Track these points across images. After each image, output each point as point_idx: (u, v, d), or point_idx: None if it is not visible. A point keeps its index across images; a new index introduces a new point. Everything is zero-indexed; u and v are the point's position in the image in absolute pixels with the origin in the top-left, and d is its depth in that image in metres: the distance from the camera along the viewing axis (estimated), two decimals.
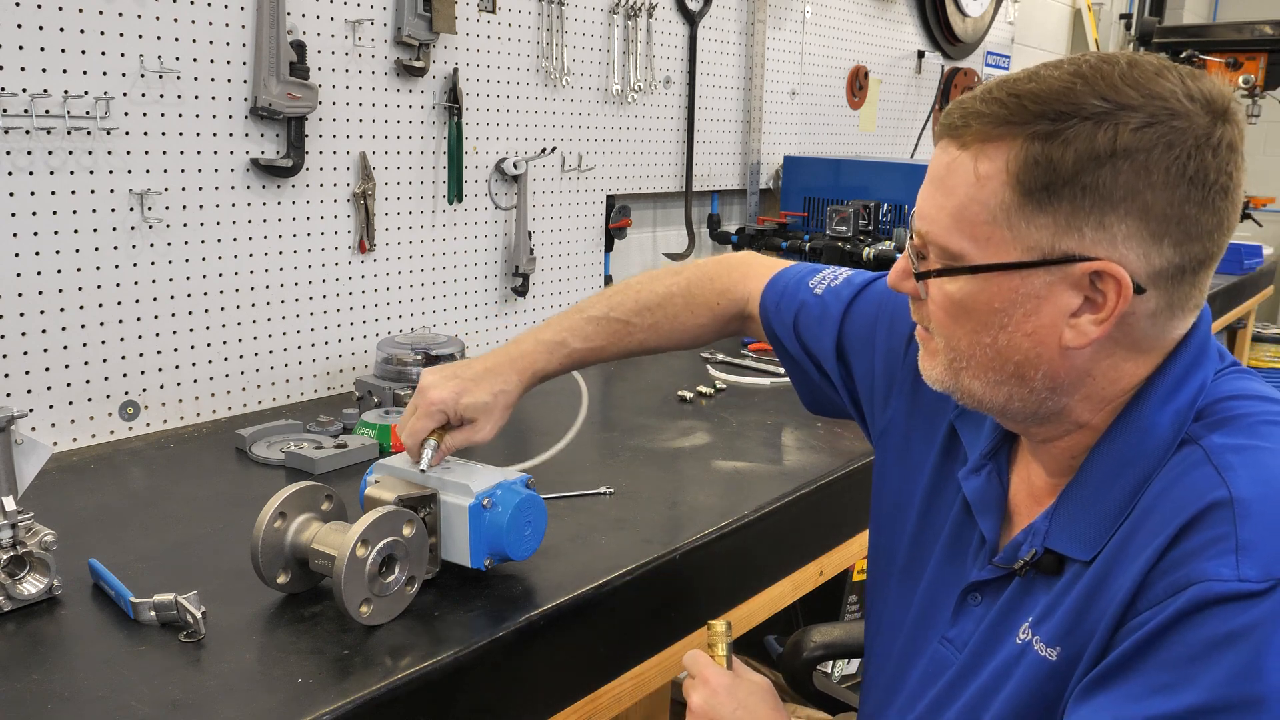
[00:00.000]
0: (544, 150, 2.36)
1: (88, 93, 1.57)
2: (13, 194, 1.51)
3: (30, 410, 1.55)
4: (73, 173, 1.57)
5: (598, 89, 2.49)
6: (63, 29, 1.53)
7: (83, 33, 1.55)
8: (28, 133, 1.51)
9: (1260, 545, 0.74)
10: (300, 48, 1.82)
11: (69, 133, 1.56)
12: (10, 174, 1.51)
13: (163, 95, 1.66)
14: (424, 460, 1.19)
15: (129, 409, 1.69)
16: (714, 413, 1.93)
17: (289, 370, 1.92)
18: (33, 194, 1.53)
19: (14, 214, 1.52)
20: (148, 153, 1.66)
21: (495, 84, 2.22)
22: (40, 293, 1.56)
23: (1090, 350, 0.85)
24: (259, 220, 1.83)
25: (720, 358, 2.31)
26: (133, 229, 1.66)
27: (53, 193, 1.56)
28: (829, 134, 3.45)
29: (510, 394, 1.26)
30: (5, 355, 1.54)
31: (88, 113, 1.57)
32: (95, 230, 1.61)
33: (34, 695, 0.96)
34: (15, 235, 1.52)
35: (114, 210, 1.63)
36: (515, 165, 2.26)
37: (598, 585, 1.21)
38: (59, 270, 1.58)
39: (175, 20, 1.66)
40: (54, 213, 1.56)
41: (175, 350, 1.74)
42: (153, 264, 1.69)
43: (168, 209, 1.70)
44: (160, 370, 1.73)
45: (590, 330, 1.30)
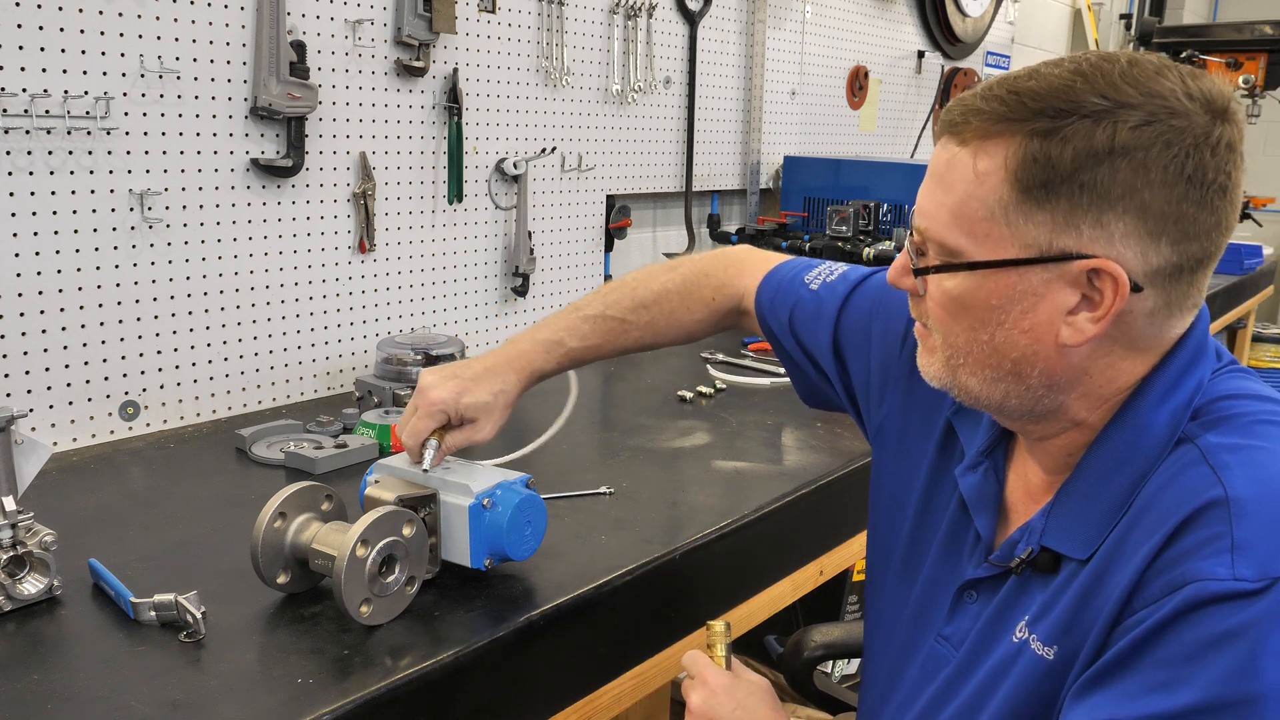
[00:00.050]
0: (544, 150, 2.36)
1: (88, 93, 1.57)
2: (13, 194, 1.51)
3: (30, 410, 1.55)
4: (73, 173, 1.57)
5: (598, 89, 2.49)
6: (63, 29, 1.53)
7: (83, 33, 1.55)
8: (28, 133, 1.51)
9: (1256, 544, 0.74)
10: (300, 48, 1.82)
11: (69, 133, 1.56)
12: (10, 174, 1.51)
13: (163, 95, 1.66)
14: (426, 460, 1.19)
15: (129, 409, 1.69)
16: (714, 413, 1.92)
17: (289, 370, 1.92)
18: (33, 194, 1.53)
19: (14, 214, 1.52)
20: (148, 153, 1.66)
21: (495, 84, 2.22)
22: (40, 293, 1.57)
23: (1087, 348, 0.85)
24: (259, 220, 1.83)
25: (720, 358, 2.30)
26: (133, 229, 1.66)
27: (53, 193, 1.56)
28: (829, 134, 3.45)
29: (510, 393, 1.26)
30: (5, 355, 1.54)
31: (88, 113, 1.57)
32: (95, 230, 1.61)
33: (34, 695, 0.96)
34: (15, 235, 1.52)
35: (114, 210, 1.63)
36: (515, 165, 2.26)
37: (598, 585, 1.21)
38: (59, 270, 1.58)
39: (175, 20, 1.66)
40: (54, 213, 1.56)
41: (175, 350, 1.74)
42: (153, 264, 1.69)
43: (168, 209, 1.70)
44: (160, 370, 1.73)
45: (587, 329, 1.31)
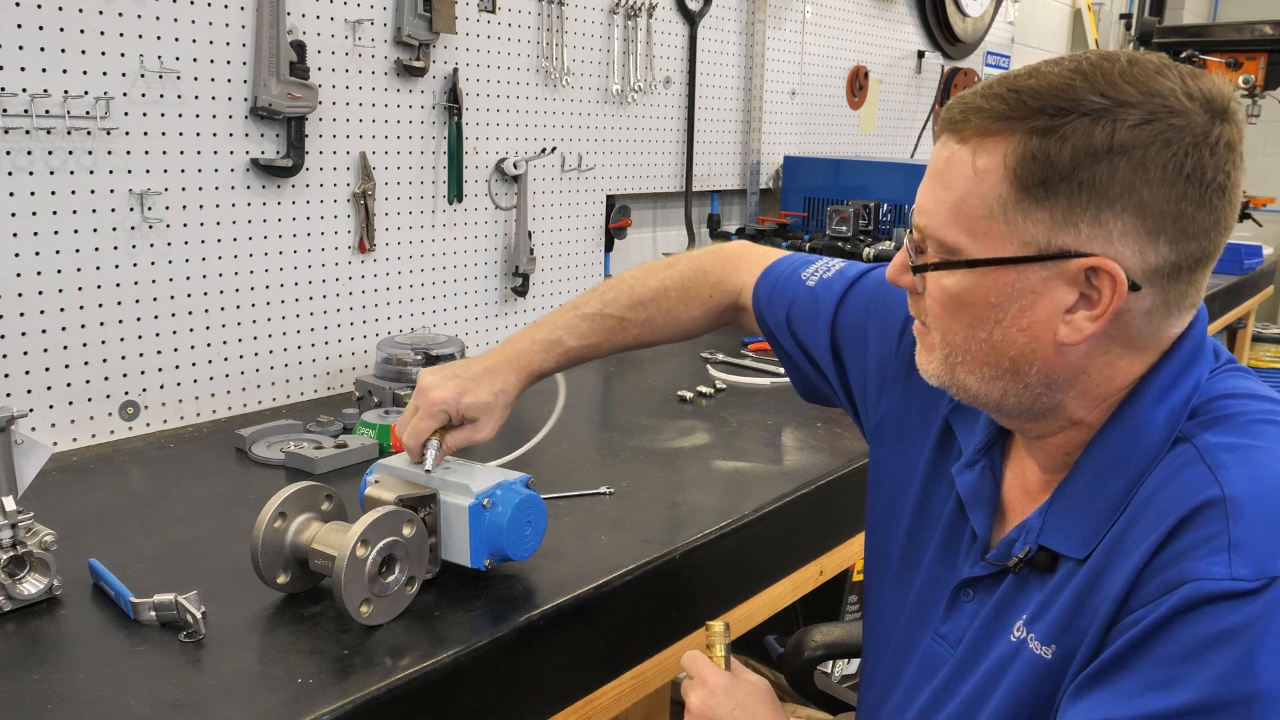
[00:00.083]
0: (544, 150, 2.36)
1: (88, 93, 1.57)
2: (13, 194, 1.51)
3: (30, 410, 1.55)
4: (73, 173, 1.57)
5: (598, 89, 2.49)
6: (63, 29, 1.53)
7: (83, 33, 1.55)
8: (28, 133, 1.51)
9: (1253, 544, 0.74)
10: (300, 48, 1.82)
11: (69, 133, 1.56)
12: (10, 174, 1.51)
13: (163, 95, 1.66)
14: (428, 460, 1.18)
15: (129, 409, 1.69)
16: (714, 413, 1.92)
17: (289, 370, 1.92)
18: (33, 194, 1.53)
19: (14, 214, 1.52)
20: (148, 153, 1.66)
21: (495, 84, 2.22)
22: (40, 293, 1.57)
23: (1085, 347, 0.85)
24: (259, 220, 1.83)
25: (720, 358, 2.30)
26: (133, 229, 1.66)
27: (53, 193, 1.56)
28: (829, 134, 3.45)
29: (509, 393, 1.26)
30: (5, 355, 1.54)
31: (88, 113, 1.57)
32: (95, 230, 1.61)
33: (34, 695, 0.96)
34: (15, 235, 1.52)
35: (114, 210, 1.63)
36: (515, 165, 2.26)
37: (598, 585, 1.21)
38: (59, 270, 1.58)
39: (175, 20, 1.66)
40: (54, 213, 1.56)
41: (175, 350, 1.74)
42: (153, 264, 1.69)
43: (168, 209, 1.70)
44: (160, 370, 1.73)
45: (585, 328, 1.31)
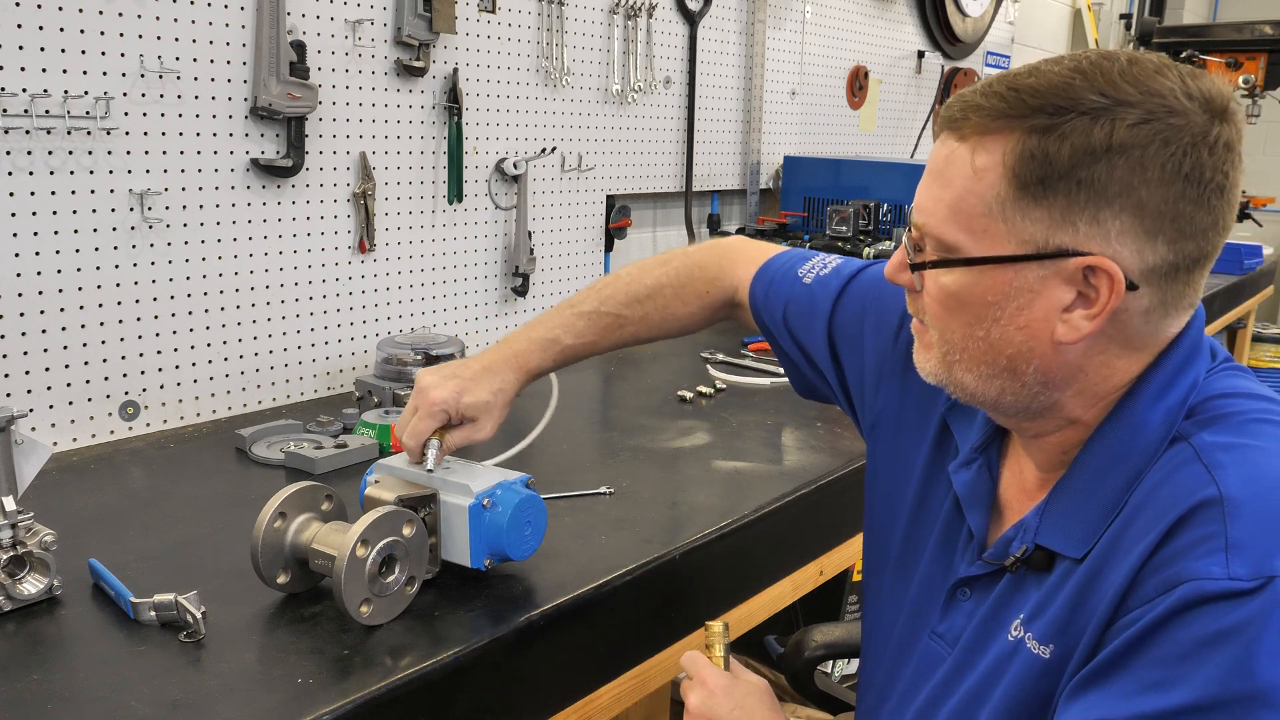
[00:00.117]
0: (544, 150, 2.37)
1: (88, 93, 1.57)
2: (13, 194, 1.51)
3: (30, 410, 1.55)
4: (73, 173, 1.57)
5: (598, 89, 2.49)
6: (63, 29, 1.53)
7: (83, 33, 1.55)
8: (28, 133, 1.51)
9: (1250, 543, 0.74)
10: (300, 48, 1.82)
11: (69, 133, 1.56)
12: (10, 174, 1.51)
13: (163, 95, 1.66)
14: (430, 461, 1.18)
15: (129, 409, 1.69)
16: (714, 413, 1.92)
17: (289, 370, 1.92)
18: (33, 194, 1.53)
19: (14, 214, 1.52)
20: (148, 153, 1.66)
21: (495, 84, 2.22)
22: (40, 293, 1.56)
23: (1082, 345, 0.85)
24: (259, 220, 1.83)
25: (720, 358, 2.30)
26: (133, 229, 1.66)
27: (53, 193, 1.56)
28: (829, 134, 3.45)
29: (508, 392, 1.27)
30: (5, 355, 1.54)
31: (88, 113, 1.57)
32: (95, 230, 1.61)
33: (34, 695, 0.96)
34: (15, 235, 1.52)
35: (114, 210, 1.63)
36: (515, 165, 2.26)
37: (598, 585, 1.21)
38: (59, 270, 1.58)
39: (175, 20, 1.66)
40: (54, 213, 1.56)
41: (175, 350, 1.74)
42: (153, 264, 1.69)
43: (168, 209, 1.70)
44: (160, 370, 1.73)
45: (582, 326, 1.31)
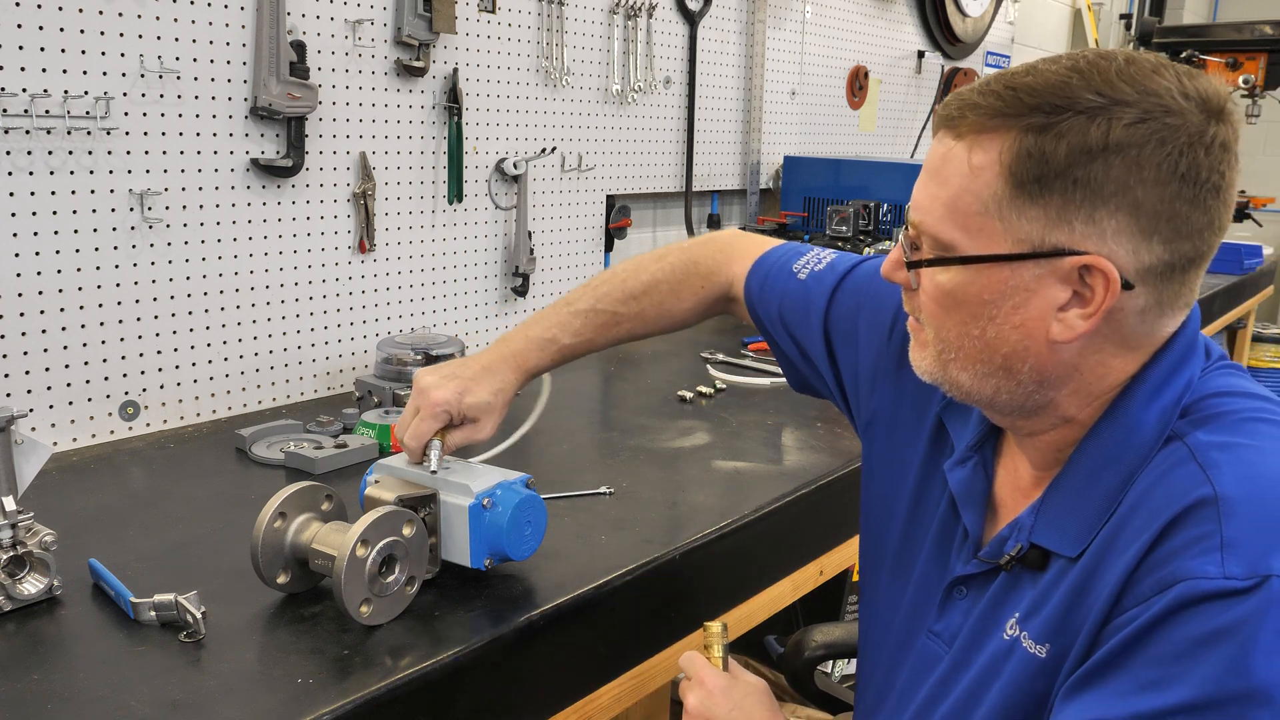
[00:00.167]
0: (544, 150, 2.37)
1: (88, 93, 1.57)
2: (13, 194, 1.51)
3: (30, 410, 1.55)
4: (73, 173, 1.57)
5: (598, 89, 2.49)
6: (63, 29, 1.53)
7: (83, 33, 1.55)
8: (28, 133, 1.51)
9: (1245, 543, 0.74)
10: (300, 48, 1.82)
11: (69, 133, 1.56)
12: (10, 174, 1.51)
13: (163, 95, 1.66)
14: (432, 461, 1.18)
15: (129, 409, 1.69)
16: (714, 413, 1.92)
17: (289, 370, 1.92)
18: (33, 194, 1.53)
19: (14, 214, 1.52)
20: (148, 153, 1.66)
21: (495, 84, 2.22)
22: (40, 293, 1.56)
23: (1078, 345, 0.85)
24: (259, 220, 1.83)
25: (720, 358, 2.30)
26: (133, 229, 1.66)
27: (53, 193, 1.56)
28: (829, 134, 3.45)
29: (507, 391, 1.27)
30: (5, 355, 1.54)
31: (88, 113, 1.57)
32: (95, 230, 1.61)
33: (34, 695, 0.96)
34: (15, 235, 1.52)
35: (114, 210, 1.63)
36: (515, 165, 2.26)
37: (598, 585, 1.21)
38: (59, 270, 1.58)
39: (175, 20, 1.66)
40: (54, 213, 1.56)
41: (175, 350, 1.74)
42: (153, 264, 1.69)
43: (168, 209, 1.70)
44: (160, 370, 1.73)
45: (579, 324, 1.31)
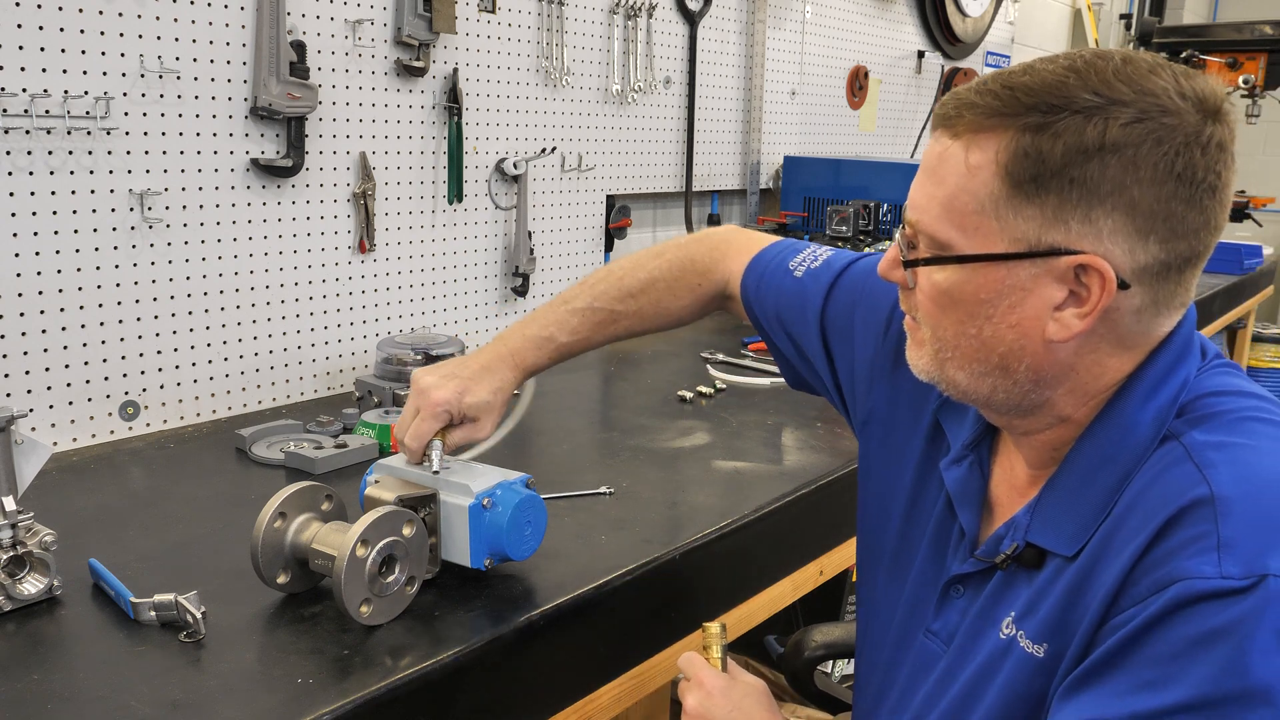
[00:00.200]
0: (544, 150, 2.37)
1: (88, 93, 1.57)
2: (13, 194, 1.51)
3: (30, 410, 1.55)
4: (73, 173, 1.57)
5: (598, 89, 2.49)
6: (63, 29, 1.53)
7: (83, 33, 1.55)
8: (28, 133, 1.51)
9: (1241, 542, 0.74)
10: (300, 48, 1.82)
11: (69, 133, 1.56)
12: (10, 174, 1.51)
13: (163, 95, 1.66)
14: (435, 462, 1.18)
15: (129, 409, 1.69)
16: (714, 413, 1.92)
17: (289, 370, 1.92)
18: (33, 194, 1.53)
19: (14, 214, 1.52)
20: (148, 153, 1.66)
21: (495, 84, 2.22)
22: (40, 293, 1.56)
23: (1074, 344, 0.85)
24: (259, 220, 1.83)
25: (720, 358, 2.30)
26: (133, 229, 1.66)
27: (53, 193, 1.56)
28: (829, 134, 3.45)
29: (506, 390, 1.27)
30: (5, 355, 1.54)
31: (88, 113, 1.57)
32: (95, 230, 1.61)
33: (34, 695, 0.96)
34: (15, 235, 1.52)
35: (114, 210, 1.63)
36: (515, 165, 2.26)
37: (598, 585, 1.21)
38: (59, 270, 1.58)
39: (175, 20, 1.66)
40: (54, 213, 1.56)
41: (175, 350, 1.74)
42: (153, 264, 1.69)
43: (168, 209, 1.70)
44: (160, 370, 1.73)
45: (576, 322, 1.31)
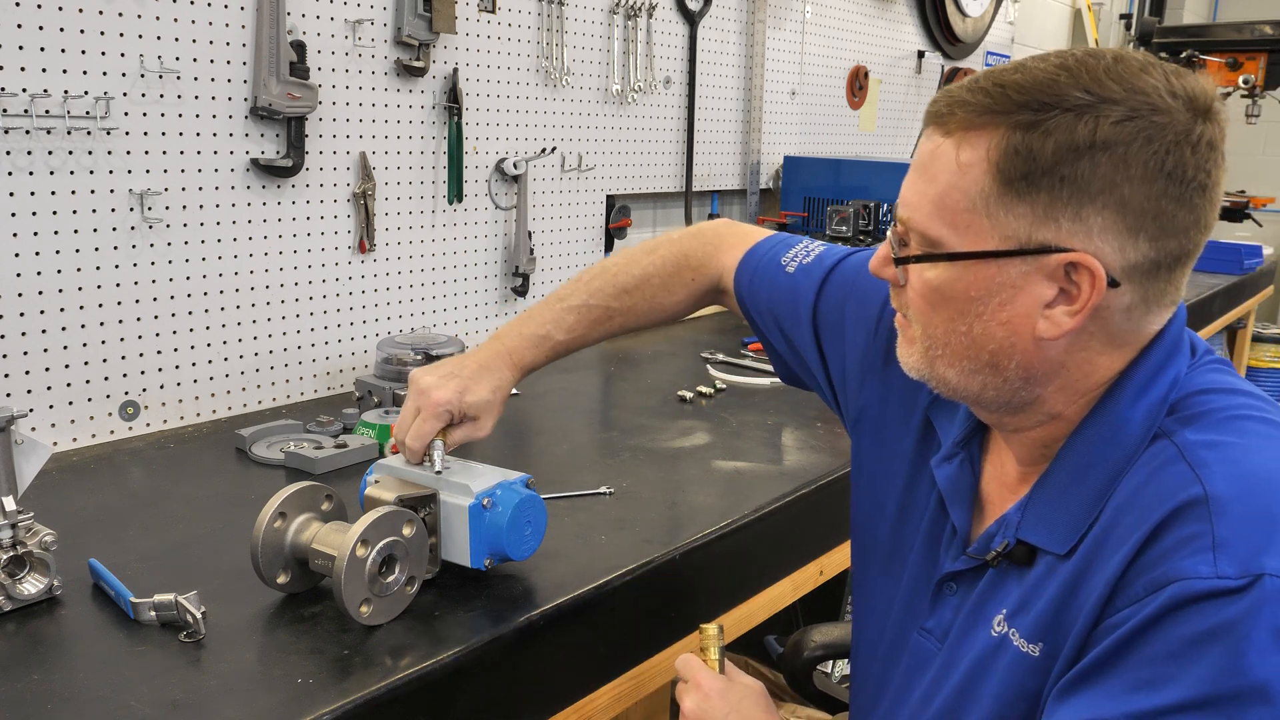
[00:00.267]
0: (544, 150, 2.37)
1: (88, 93, 1.57)
2: (13, 194, 1.51)
3: (30, 410, 1.55)
4: (73, 173, 1.57)
5: (598, 89, 2.49)
6: (63, 29, 1.53)
7: (83, 33, 1.55)
8: (28, 133, 1.51)
9: (1236, 542, 0.74)
10: (300, 48, 1.82)
11: (69, 133, 1.56)
12: (10, 174, 1.51)
13: (163, 95, 1.66)
14: (437, 462, 1.18)
15: (129, 409, 1.69)
16: (714, 413, 1.92)
17: (289, 370, 1.92)
18: (33, 194, 1.53)
19: (14, 214, 1.52)
20: (148, 153, 1.66)
21: (495, 84, 2.22)
22: (40, 293, 1.56)
23: (1064, 342, 0.85)
24: (259, 220, 1.83)
25: (720, 358, 2.30)
26: (133, 229, 1.66)
27: (53, 193, 1.56)
28: (829, 134, 3.45)
29: (505, 389, 1.28)
30: (5, 355, 1.54)
31: (88, 113, 1.57)
32: (95, 230, 1.61)
33: (34, 695, 0.96)
34: (15, 235, 1.52)
35: (114, 210, 1.63)
36: (515, 165, 2.26)
37: (598, 585, 1.21)
38: (59, 270, 1.58)
39: (175, 20, 1.66)
40: (54, 213, 1.56)
41: (175, 350, 1.74)
42: (153, 264, 1.69)
43: (168, 209, 1.70)
44: (160, 370, 1.73)
45: (572, 320, 1.32)
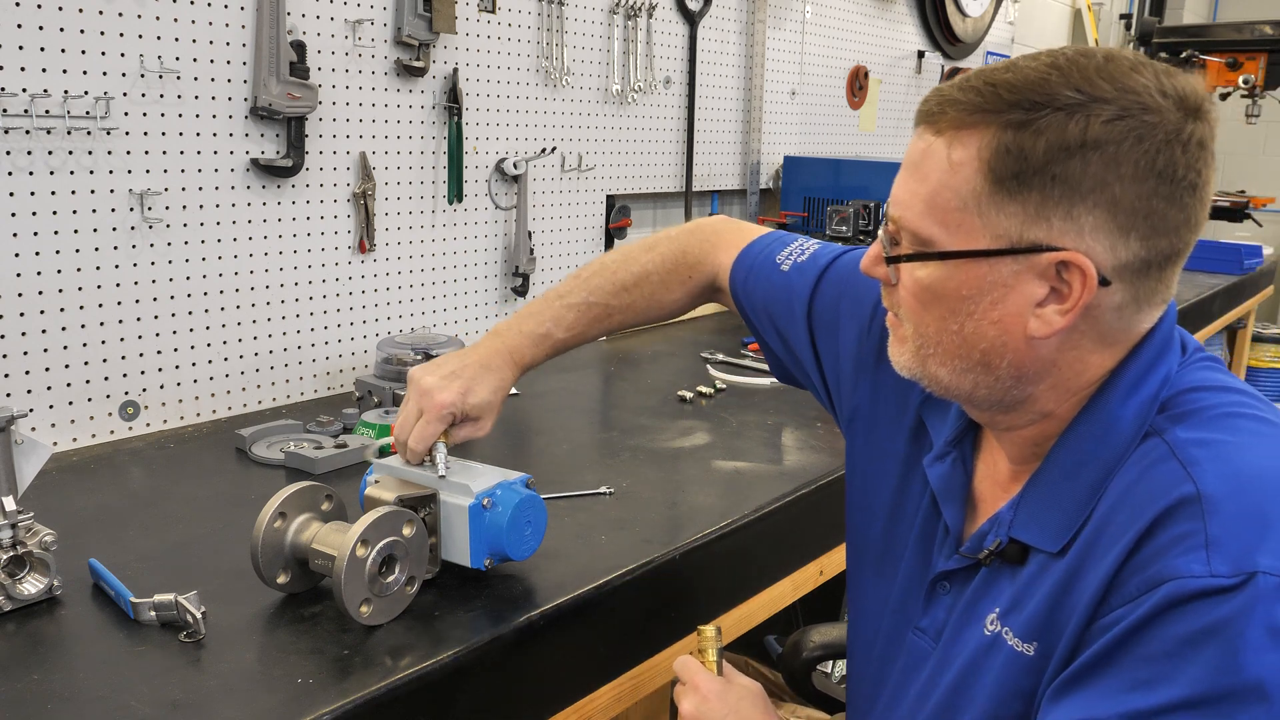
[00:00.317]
0: (544, 150, 2.37)
1: (88, 93, 1.57)
2: (13, 194, 1.51)
3: (30, 410, 1.55)
4: (73, 173, 1.57)
5: (598, 89, 2.49)
6: (63, 29, 1.53)
7: (83, 33, 1.55)
8: (28, 133, 1.51)
9: (1229, 540, 0.74)
10: (300, 48, 1.82)
11: (69, 133, 1.56)
12: (10, 174, 1.51)
13: (163, 95, 1.66)
14: (440, 465, 1.18)
15: (129, 409, 1.69)
16: (714, 413, 1.92)
17: (289, 370, 1.92)
18: (33, 194, 1.53)
19: (14, 214, 1.52)
20: (148, 153, 1.66)
21: (495, 84, 2.22)
22: (40, 293, 1.56)
23: (1055, 340, 0.85)
24: (259, 220, 1.83)
25: (720, 358, 2.30)
26: (133, 229, 1.66)
27: (53, 193, 1.56)
28: (829, 134, 3.45)
29: (506, 388, 1.28)
30: (5, 355, 1.54)
31: (88, 113, 1.57)
32: (95, 230, 1.61)
33: (34, 695, 0.96)
34: (15, 235, 1.52)
35: (114, 210, 1.63)
36: (515, 165, 2.26)
37: (598, 585, 1.21)
38: (59, 270, 1.58)
39: (175, 20, 1.66)
40: (54, 213, 1.56)
41: (175, 350, 1.74)
42: (153, 264, 1.69)
43: (168, 209, 1.70)
44: (160, 370, 1.73)
45: (571, 318, 1.32)
